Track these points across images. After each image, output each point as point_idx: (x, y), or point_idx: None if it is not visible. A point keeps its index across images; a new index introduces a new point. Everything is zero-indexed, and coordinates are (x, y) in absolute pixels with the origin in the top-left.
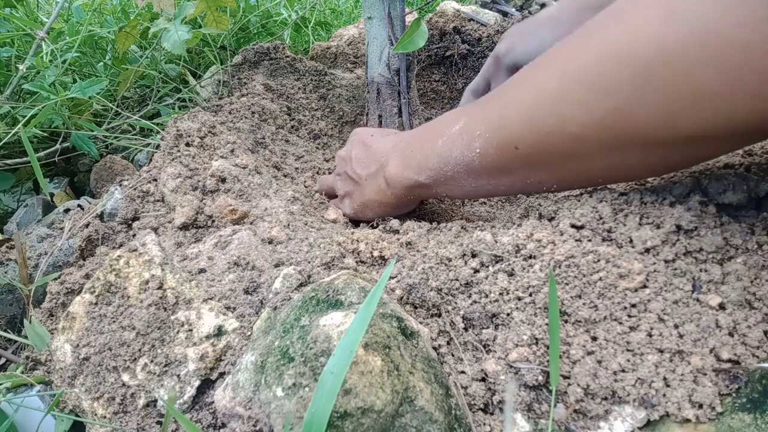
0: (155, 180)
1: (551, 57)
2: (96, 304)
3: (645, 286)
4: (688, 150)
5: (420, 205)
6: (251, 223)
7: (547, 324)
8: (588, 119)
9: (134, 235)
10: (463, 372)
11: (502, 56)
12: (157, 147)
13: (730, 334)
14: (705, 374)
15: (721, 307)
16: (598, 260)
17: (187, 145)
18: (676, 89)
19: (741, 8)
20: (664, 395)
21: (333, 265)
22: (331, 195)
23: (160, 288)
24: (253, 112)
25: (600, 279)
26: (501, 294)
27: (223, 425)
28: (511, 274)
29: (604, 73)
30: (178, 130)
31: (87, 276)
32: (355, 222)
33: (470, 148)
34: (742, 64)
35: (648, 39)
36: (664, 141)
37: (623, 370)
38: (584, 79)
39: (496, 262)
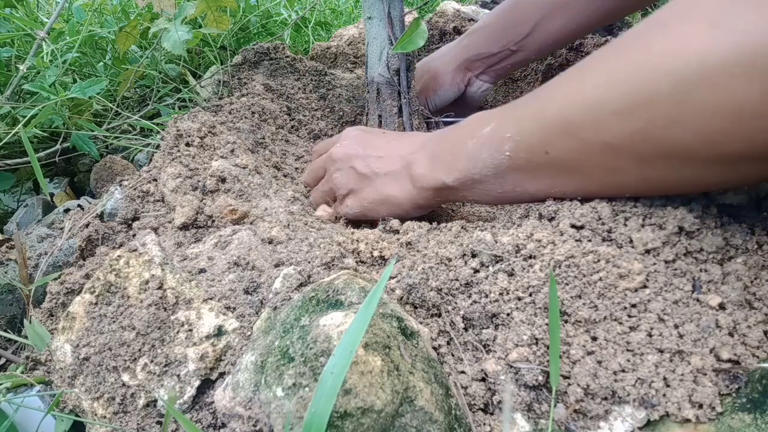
0: (155, 180)
1: (593, 63)
2: (96, 304)
3: (645, 286)
4: (725, 170)
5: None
6: (251, 223)
7: (547, 324)
8: (624, 130)
9: (134, 235)
10: (463, 372)
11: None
12: (157, 147)
13: (730, 334)
14: (705, 374)
15: (721, 307)
16: (598, 260)
17: (187, 145)
18: (718, 106)
19: None
20: (664, 395)
21: (333, 265)
22: (325, 196)
23: (160, 288)
24: (253, 112)
25: (600, 279)
26: (501, 294)
27: (223, 425)
28: (511, 274)
29: (645, 84)
30: (178, 130)
31: (87, 276)
32: (355, 223)
33: (500, 150)
34: None
35: (691, 52)
36: (701, 158)
37: (623, 370)
38: (624, 89)
39: (496, 262)
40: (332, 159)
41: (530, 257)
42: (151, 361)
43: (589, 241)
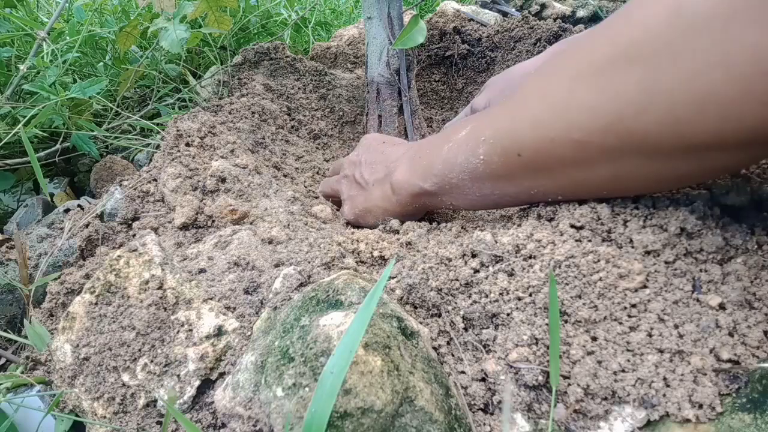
0: (155, 180)
1: (561, 60)
2: (96, 304)
3: (645, 287)
4: (697, 160)
5: (425, 215)
6: (251, 223)
7: (547, 324)
8: (593, 125)
9: (134, 235)
10: (463, 372)
11: (480, 109)
12: (157, 147)
13: (730, 334)
14: (705, 374)
15: (721, 307)
16: (598, 260)
17: (187, 145)
18: (683, 93)
19: (752, 8)
20: (664, 395)
21: (333, 265)
22: (330, 196)
23: (160, 288)
24: (253, 112)
25: (600, 279)
26: (501, 294)
27: (223, 425)
28: (511, 274)
29: (611, 75)
30: (178, 130)
31: (87, 276)
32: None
33: (475, 154)
34: (751, 68)
35: (655, 39)
36: (670, 149)
37: (623, 370)
38: (591, 82)
39: (496, 262)
40: (344, 166)
41: (530, 257)
42: (151, 361)
43: (589, 241)
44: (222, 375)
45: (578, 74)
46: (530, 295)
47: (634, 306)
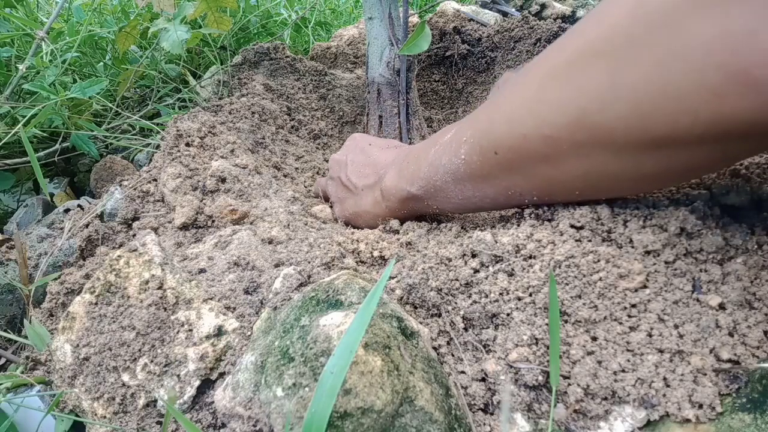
0: (155, 180)
1: (537, 59)
2: (96, 304)
3: (645, 287)
4: (661, 157)
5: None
6: (251, 223)
7: (547, 324)
8: (561, 120)
9: (134, 235)
10: (463, 372)
11: None
12: (157, 147)
13: (730, 334)
14: (705, 374)
15: (721, 307)
16: (598, 260)
17: (187, 145)
18: (646, 87)
19: (708, 2)
20: (664, 395)
21: (333, 265)
22: (325, 198)
23: (160, 288)
24: (253, 112)
25: (600, 279)
26: (501, 294)
27: (223, 425)
28: (511, 274)
29: (579, 70)
30: (178, 130)
31: (87, 276)
32: None
33: (457, 154)
34: (705, 59)
35: (619, 33)
36: (635, 144)
37: (623, 370)
38: (560, 78)
39: (496, 262)
40: (330, 165)
41: (530, 257)
42: (151, 361)
43: (589, 241)
44: (222, 375)
45: (550, 70)
46: (530, 295)
47: (634, 306)
